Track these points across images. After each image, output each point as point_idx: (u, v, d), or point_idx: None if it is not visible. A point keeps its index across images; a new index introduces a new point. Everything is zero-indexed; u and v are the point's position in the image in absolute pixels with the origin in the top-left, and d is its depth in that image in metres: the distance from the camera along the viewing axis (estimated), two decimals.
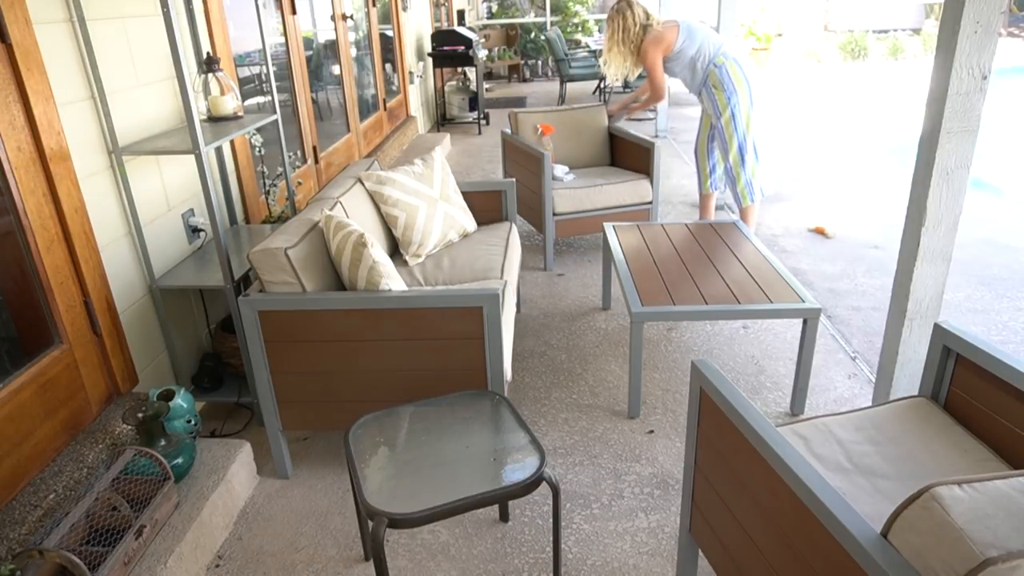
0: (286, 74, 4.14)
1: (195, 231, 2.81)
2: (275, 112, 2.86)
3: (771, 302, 2.52)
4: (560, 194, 3.92)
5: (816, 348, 3.02)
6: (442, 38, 7.43)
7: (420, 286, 2.78)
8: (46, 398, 2.04)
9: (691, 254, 3.00)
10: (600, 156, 4.45)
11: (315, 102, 4.62)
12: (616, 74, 3.97)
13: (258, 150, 3.28)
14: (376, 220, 2.91)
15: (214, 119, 2.65)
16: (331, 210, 2.53)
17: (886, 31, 14.10)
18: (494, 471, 1.67)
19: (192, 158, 2.69)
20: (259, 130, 3.17)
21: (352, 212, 2.71)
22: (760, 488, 1.42)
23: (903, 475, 1.59)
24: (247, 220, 3.26)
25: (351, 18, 5.46)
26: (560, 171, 4.12)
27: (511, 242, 3.09)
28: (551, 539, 2.10)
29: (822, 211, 4.88)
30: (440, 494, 1.58)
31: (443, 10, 9.65)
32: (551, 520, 2.18)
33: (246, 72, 3.62)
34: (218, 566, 2.06)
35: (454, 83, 8.55)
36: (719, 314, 2.51)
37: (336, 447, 2.58)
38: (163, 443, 2.10)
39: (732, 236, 3.16)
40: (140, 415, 2.06)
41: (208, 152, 2.54)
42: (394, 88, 6.87)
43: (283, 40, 4.13)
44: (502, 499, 1.61)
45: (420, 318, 2.13)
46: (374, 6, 6.19)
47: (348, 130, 5.31)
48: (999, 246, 4.19)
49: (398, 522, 1.53)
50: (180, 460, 2.12)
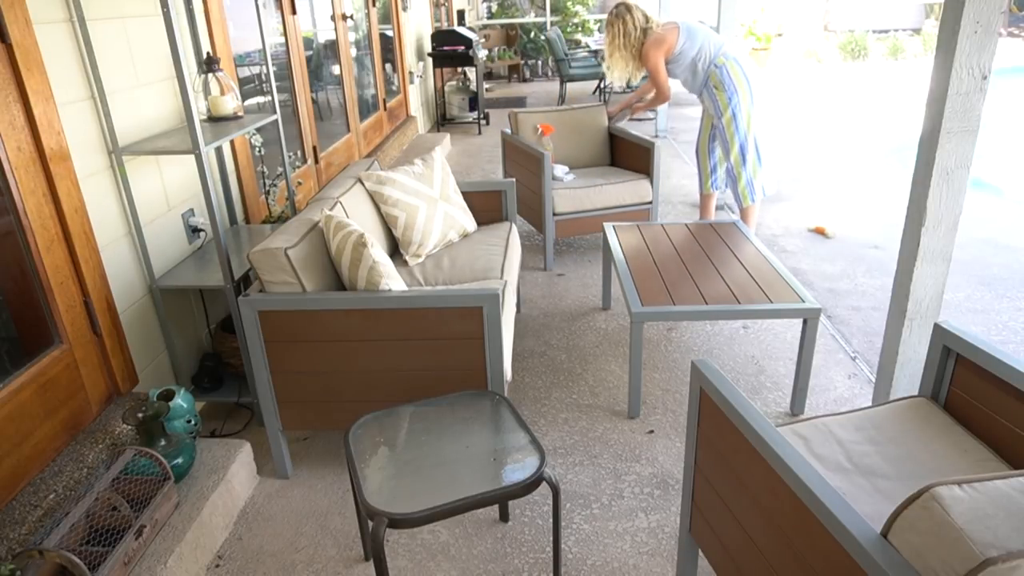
0: (286, 74, 4.14)
1: (195, 231, 2.81)
2: (275, 112, 2.86)
3: (771, 302, 2.53)
4: (560, 194, 3.92)
5: (816, 348, 3.02)
6: (442, 38, 7.43)
7: (420, 286, 2.78)
8: (46, 398, 2.04)
9: (691, 254, 3.00)
10: (600, 156, 4.45)
11: (315, 102, 4.62)
12: (620, 78, 4.00)
13: (258, 150, 3.28)
14: (376, 220, 2.91)
15: (214, 119, 2.65)
16: (331, 210, 2.53)
17: (886, 31, 14.10)
18: (494, 471, 1.67)
19: (192, 158, 2.69)
20: (259, 130, 3.17)
21: (352, 212, 2.71)
22: (760, 488, 1.42)
23: (903, 475, 1.59)
24: (247, 220, 3.26)
25: (351, 18, 5.46)
26: (560, 171, 4.12)
27: (511, 242, 3.09)
28: (551, 539, 2.10)
29: (822, 211, 4.88)
30: (440, 494, 1.58)
31: (443, 10, 9.65)
32: (551, 520, 2.18)
33: (246, 72, 3.62)
34: (218, 566, 2.06)
35: (454, 83, 8.55)
36: (719, 314, 2.51)
37: (336, 447, 2.58)
38: (163, 443, 2.10)
39: (732, 236, 3.17)
40: (140, 415, 2.06)
41: (208, 152, 2.54)
42: (394, 88, 6.87)
43: (283, 40, 4.13)
44: (502, 499, 1.61)
45: (420, 318, 2.13)
46: (374, 6, 6.19)
47: (348, 130, 5.31)
48: (999, 246, 4.19)
49: (398, 522, 1.53)
50: (180, 460, 2.12)
